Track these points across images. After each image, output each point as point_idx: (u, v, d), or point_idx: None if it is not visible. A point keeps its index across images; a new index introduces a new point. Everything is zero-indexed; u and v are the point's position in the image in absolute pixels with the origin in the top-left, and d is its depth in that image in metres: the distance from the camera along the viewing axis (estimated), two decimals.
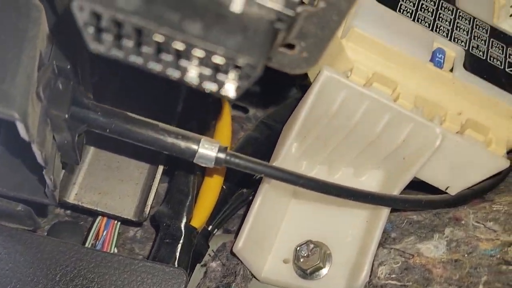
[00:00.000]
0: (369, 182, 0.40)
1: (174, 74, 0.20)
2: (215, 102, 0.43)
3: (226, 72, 0.19)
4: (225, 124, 0.43)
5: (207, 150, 0.31)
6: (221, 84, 0.20)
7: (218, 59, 0.19)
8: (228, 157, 0.31)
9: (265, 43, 0.19)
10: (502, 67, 0.35)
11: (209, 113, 0.42)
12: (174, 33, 0.18)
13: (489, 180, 0.39)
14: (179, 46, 0.18)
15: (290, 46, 0.23)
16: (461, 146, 0.34)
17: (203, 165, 0.31)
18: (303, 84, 0.48)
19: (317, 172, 0.42)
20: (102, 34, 0.19)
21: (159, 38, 0.18)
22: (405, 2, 0.35)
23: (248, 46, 0.19)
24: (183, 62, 0.19)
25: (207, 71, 0.19)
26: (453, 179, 0.37)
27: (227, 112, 0.43)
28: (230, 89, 0.20)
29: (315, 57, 0.24)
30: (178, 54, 0.19)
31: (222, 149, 0.31)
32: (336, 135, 0.37)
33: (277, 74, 0.26)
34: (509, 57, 0.36)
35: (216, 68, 0.19)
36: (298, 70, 0.24)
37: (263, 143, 0.47)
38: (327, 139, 0.38)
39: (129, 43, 0.19)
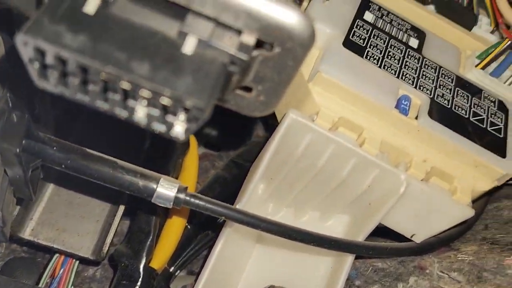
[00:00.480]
0: (335, 227, 0.40)
1: (121, 113, 0.19)
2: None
3: (174, 113, 0.19)
4: (192, 162, 0.42)
5: (166, 189, 0.30)
6: (170, 126, 0.19)
7: (165, 101, 0.18)
8: (187, 198, 0.30)
9: (216, 86, 0.19)
10: (467, 116, 0.35)
11: (176, 150, 0.42)
12: (120, 73, 0.17)
13: (455, 228, 0.38)
14: (125, 85, 0.18)
15: (247, 89, 0.23)
16: (426, 194, 0.34)
17: (161, 205, 0.31)
18: (274, 123, 0.48)
19: (284, 215, 0.41)
20: (48, 71, 0.18)
21: (105, 77, 0.18)
22: (372, 49, 0.36)
23: (197, 89, 0.18)
24: (130, 102, 0.19)
25: (156, 112, 0.19)
26: (418, 226, 0.36)
27: (194, 150, 0.43)
28: (179, 131, 0.19)
29: (272, 101, 0.23)
30: (126, 94, 0.19)
31: (181, 189, 0.30)
32: (302, 178, 0.37)
33: None
34: (474, 107, 0.36)
35: (165, 109, 0.19)
36: (257, 113, 0.24)
37: (232, 182, 0.47)
38: (293, 181, 0.38)
39: (75, 81, 0.18)
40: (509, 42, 0.37)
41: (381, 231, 0.38)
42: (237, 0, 0.19)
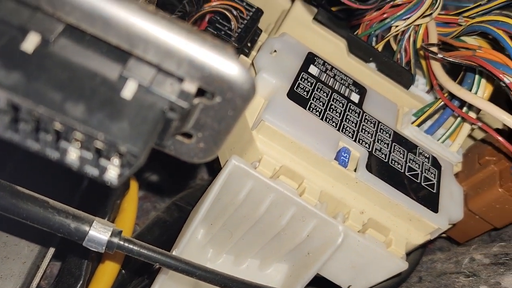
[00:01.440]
0: (274, 275, 0.39)
1: (52, 154, 0.19)
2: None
3: (108, 158, 0.18)
4: (130, 204, 0.41)
5: (99, 233, 0.29)
6: (103, 170, 0.19)
7: (99, 144, 0.18)
8: (121, 242, 0.29)
9: (153, 132, 0.19)
10: (403, 171, 0.37)
11: (114, 191, 0.40)
12: (52, 114, 0.17)
13: (391, 280, 0.39)
14: (58, 127, 0.17)
15: (188, 135, 0.23)
16: (362, 246, 0.35)
17: (93, 249, 0.29)
18: (219, 167, 0.48)
19: (223, 261, 0.40)
20: None
21: (37, 116, 0.17)
22: (315, 101, 0.37)
23: (133, 134, 0.18)
24: (63, 143, 0.18)
25: (89, 155, 0.18)
26: (354, 277, 0.36)
27: (133, 192, 0.42)
28: (112, 176, 0.19)
29: (212, 149, 0.23)
30: (58, 135, 0.18)
31: (116, 233, 0.29)
32: (242, 225, 0.37)
33: None
34: (409, 162, 0.38)
35: (99, 153, 0.18)
36: (196, 159, 0.24)
37: (172, 226, 0.46)
38: (233, 228, 0.37)
39: (5, 119, 0.18)
40: (442, 102, 0.39)
41: (319, 281, 0.38)
42: (180, 49, 0.19)
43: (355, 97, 0.40)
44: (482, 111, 0.37)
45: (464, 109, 0.39)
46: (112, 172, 0.19)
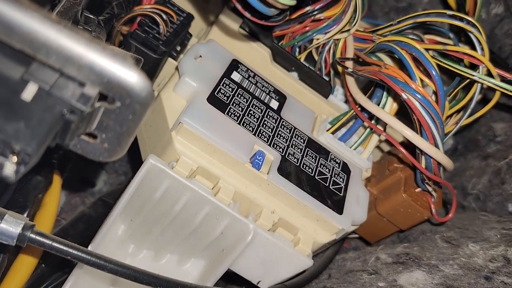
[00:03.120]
0: (191, 270, 0.41)
1: None
2: (46, 174, 0.42)
3: (4, 155, 0.20)
4: (52, 199, 0.41)
5: (10, 225, 0.30)
6: (0, 166, 0.20)
7: None
8: (33, 236, 0.30)
9: (49, 133, 0.20)
10: (313, 174, 0.40)
11: (36, 185, 0.41)
12: None
13: (302, 276, 0.42)
14: None
15: (93, 136, 0.24)
16: (271, 243, 0.37)
17: (3, 242, 0.30)
18: None
19: (144, 256, 0.42)
20: None
21: None
22: (234, 107, 0.39)
23: (27, 135, 0.19)
24: None
25: None
26: (264, 274, 0.39)
27: (56, 187, 0.42)
28: (9, 172, 0.20)
29: (117, 149, 0.25)
30: None
31: (27, 227, 0.30)
32: (160, 221, 0.38)
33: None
34: (320, 167, 0.41)
35: None
36: (102, 158, 0.25)
37: (97, 221, 0.46)
38: (152, 225, 0.39)
39: None
40: (354, 112, 0.42)
41: (235, 277, 0.40)
42: (80, 56, 0.21)
43: (274, 104, 0.42)
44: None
45: (374, 120, 0.42)
46: (9, 168, 0.20)
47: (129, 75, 0.21)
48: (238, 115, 0.39)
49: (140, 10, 0.42)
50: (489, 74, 0.41)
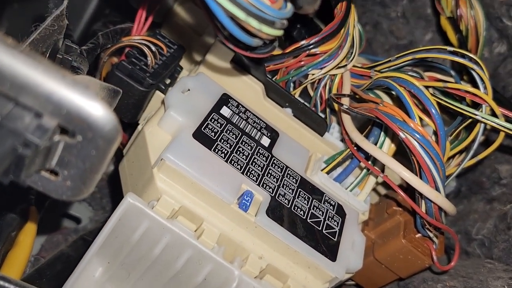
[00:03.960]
0: None
1: None
2: (21, 210, 0.40)
3: None
4: (26, 238, 0.39)
5: None
6: None
7: None
8: None
9: None
10: (304, 217, 0.37)
11: (8, 223, 0.38)
12: None
13: None
14: None
15: (55, 172, 0.22)
16: None
17: None
18: None
19: None
20: None
21: None
22: (222, 143, 0.37)
23: None
24: None
25: None
26: None
27: (32, 225, 0.40)
28: None
29: (81, 188, 0.22)
30: None
31: None
32: (139, 265, 0.35)
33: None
34: (313, 209, 0.38)
35: None
36: (65, 197, 0.23)
37: (76, 261, 0.43)
38: (131, 267, 0.36)
39: None
40: (350, 152, 0.40)
41: None
42: (37, 84, 0.19)
43: (265, 141, 0.40)
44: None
45: (371, 160, 0.40)
46: None
47: (91, 106, 0.19)
48: (225, 152, 0.36)
49: (128, 41, 0.41)
50: (493, 113, 0.39)
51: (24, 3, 0.59)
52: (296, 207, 0.37)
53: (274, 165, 0.39)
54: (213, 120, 0.38)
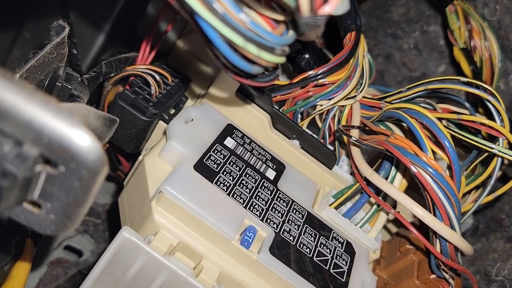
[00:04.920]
0: None
1: None
2: (16, 242, 0.38)
3: None
4: (20, 272, 0.37)
5: None
6: None
7: None
8: None
9: None
10: (311, 256, 0.35)
11: (3, 256, 0.37)
12: None
13: None
14: None
15: (38, 205, 0.21)
16: None
17: None
18: None
19: None
20: None
21: None
22: (225, 175, 0.35)
23: None
24: None
25: None
26: None
27: (26, 258, 0.38)
28: None
29: (65, 222, 0.21)
30: None
31: None
32: None
33: None
34: (320, 246, 0.36)
35: None
36: (49, 232, 0.22)
37: None
38: None
39: None
40: (360, 186, 0.38)
41: None
42: (18, 110, 0.18)
43: (271, 174, 0.38)
44: None
45: (382, 195, 0.38)
46: None
47: (74, 135, 0.18)
48: (228, 185, 0.35)
49: (132, 70, 0.40)
50: (511, 147, 0.37)
51: (35, 32, 0.59)
52: (302, 245, 0.35)
53: (279, 199, 0.37)
54: (216, 151, 0.36)
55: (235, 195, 0.35)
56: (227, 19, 0.20)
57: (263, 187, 0.37)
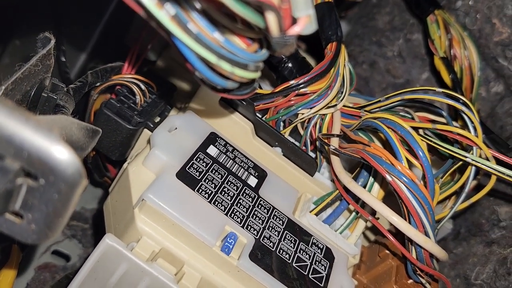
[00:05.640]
0: None
1: None
2: (3, 248, 0.39)
3: None
4: (6, 277, 0.38)
5: None
6: None
7: None
8: None
9: None
10: (290, 261, 0.36)
11: None
12: None
13: None
14: None
15: (20, 215, 0.22)
16: None
17: None
18: None
19: None
20: None
21: None
22: (207, 183, 0.36)
23: None
24: None
25: None
26: None
27: (13, 262, 0.39)
28: None
29: (45, 231, 0.22)
30: None
31: None
32: None
33: None
34: (300, 252, 0.37)
35: None
36: (30, 241, 0.22)
37: None
38: None
39: None
40: (339, 193, 0.39)
41: None
42: None
43: (252, 181, 0.39)
44: None
45: (360, 202, 0.39)
46: None
47: (52, 149, 0.19)
48: (210, 192, 0.36)
49: (118, 79, 0.41)
50: (486, 156, 0.38)
51: (26, 41, 0.60)
52: (281, 251, 0.36)
53: (260, 206, 0.38)
54: (198, 159, 0.37)
55: (217, 202, 0.36)
56: (201, 38, 0.21)
57: (244, 194, 0.38)
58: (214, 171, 0.37)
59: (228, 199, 0.36)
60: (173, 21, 0.20)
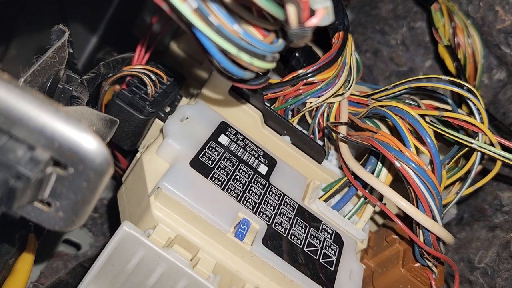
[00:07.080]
0: None
1: None
2: (20, 237, 0.40)
3: None
4: (23, 265, 0.39)
5: None
6: None
7: None
8: None
9: None
10: (301, 246, 0.37)
11: (8, 250, 0.39)
12: None
13: None
14: None
15: (48, 203, 0.22)
16: None
17: None
18: None
19: None
20: None
21: None
22: (219, 171, 0.37)
23: None
24: None
25: None
26: None
27: (30, 252, 0.40)
28: None
29: (73, 219, 0.23)
30: None
31: None
32: None
33: None
34: (310, 237, 0.38)
35: None
36: (57, 228, 0.23)
37: None
38: None
39: None
40: (347, 179, 0.40)
41: None
42: (30, 118, 0.19)
43: (263, 169, 0.40)
44: None
45: (369, 187, 0.40)
46: None
47: (82, 139, 0.20)
48: (222, 180, 0.37)
49: (129, 70, 0.42)
50: (491, 142, 0.39)
51: (32, 32, 0.60)
52: (293, 236, 0.37)
53: (271, 193, 0.39)
54: (210, 148, 0.38)
55: (229, 189, 0.36)
56: (222, 31, 0.21)
57: (255, 181, 0.39)
58: (226, 159, 0.38)
59: (240, 187, 0.37)
60: (195, 14, 0.20)
